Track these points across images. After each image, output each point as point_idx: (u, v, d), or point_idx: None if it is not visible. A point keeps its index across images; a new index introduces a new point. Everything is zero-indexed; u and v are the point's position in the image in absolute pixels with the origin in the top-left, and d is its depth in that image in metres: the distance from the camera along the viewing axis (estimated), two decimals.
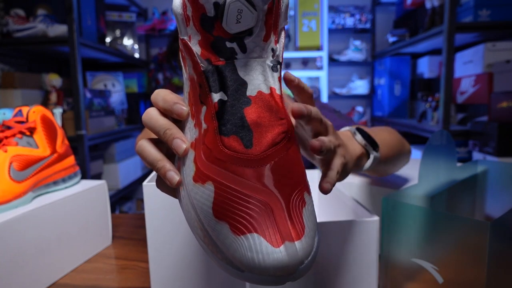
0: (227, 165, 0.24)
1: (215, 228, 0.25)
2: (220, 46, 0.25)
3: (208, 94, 0.26)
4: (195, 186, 0.25)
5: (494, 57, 1.55)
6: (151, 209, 0.43)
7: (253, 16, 0.24)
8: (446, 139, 0.47)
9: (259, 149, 0.24)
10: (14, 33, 1.59)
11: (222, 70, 0.25)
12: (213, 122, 0.25)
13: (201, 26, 0.25)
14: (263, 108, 0.25)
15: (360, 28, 2.52)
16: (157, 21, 2.38)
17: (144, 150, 0.29)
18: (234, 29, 0.24)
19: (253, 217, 0.24)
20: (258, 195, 0.24)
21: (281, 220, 0.24)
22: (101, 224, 0.65)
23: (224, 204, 0.24)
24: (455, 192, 0.51)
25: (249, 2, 0.23)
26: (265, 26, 0.25)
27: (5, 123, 0.56)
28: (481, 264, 0.33)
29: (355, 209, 0.46)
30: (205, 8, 0.24)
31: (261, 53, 0.26)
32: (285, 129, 0.26)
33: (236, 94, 0.25)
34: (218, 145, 0.25)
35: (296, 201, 0.25)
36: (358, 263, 0.40)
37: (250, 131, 0.25)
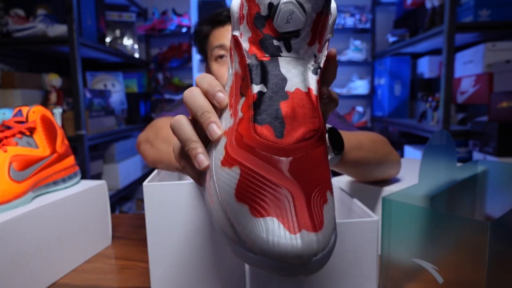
0: (256, 151, 0.25)
1: (234, 208, 0.25)
2: (268, 43, 0.27)
3: (249, 85, 0.27)
4: (222, 169, 0.26)
5: (494, 57, 1.54)
6: (151, 209, 0.43)
7: (302, 19, 0.26)
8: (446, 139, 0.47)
9: (289, 141, 0.25)
10: (14, 33, 1.59)
11: (266, 65, 0.27)
12: (249, 111, 0.26)
13: (254, 24, 0.27)
14: (299, 104, 0.26)
15: (360, 28, 2.52)
16: (157, 21, 2.38)
17: (181, 126, 0.30)
18: (283, 28, 0.26)
19: (274, 202, 0.24)
20: (282, 182, 0.25)
21: (301, 210, 0.24)
22: (101, 224, 0.65)
23: (247, 187, 0.25)
24: (455, 192, 0.51)
25: (301, 6, 0.26)
26: (311, 32, 0.27)
27: (5, 123, 0.56)
28: (481, 264, 0.33)
29: (355, 209, 0.46)
30: (259, 8, 0.26)
31: (304, 55, 0.27)
32: (316, 127, 0.27)
33: (275, 87, 0.26)
34: (251, 132, 0.26)
35: (318, 197, 0.26)
36: (358, 263, 0.40)
37: (283, 123, 0.26)
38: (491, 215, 0.57)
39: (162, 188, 0.42)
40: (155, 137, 0.61)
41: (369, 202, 0.62)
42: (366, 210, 0.42)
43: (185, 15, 2.41)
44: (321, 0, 0.26)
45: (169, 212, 0.43)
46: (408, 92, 2.26)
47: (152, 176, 0.49)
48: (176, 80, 2.51)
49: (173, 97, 2.50)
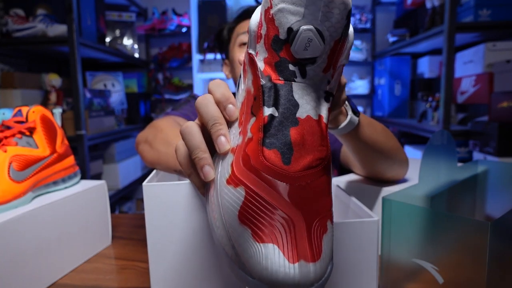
0: (262, 175, 0.25)
1: (237, 230, 0.26)
2: (283, 67, 0.27)
3: (261, 107, 0.27)
4: (227, 187, 0.27)
5: (495, 57, 1.54)
6: (151, 210, 0.43)
7: (320, 47, 0.26)
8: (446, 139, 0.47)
9: (295, 168, 0.26)
10: (13, 33, 1.59)
11: (279, 89, 0.27)
12: (258, 133, 0.26)
13: (271, 46, 0.27)
14: (308, 131, 0.26)
15: (360, 28, 2.52)
16: (157, 21, 2.38)
17: (191, 133, 0.30)
18: (300, 55, 0.26)
19: (275, 229, 0.25)
20: (284, 209, 0.25)
21: (301, 239, 0.25)
22: (101, 224, 0.65)
23: (251, 210, 0.25)
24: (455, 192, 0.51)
25: (320, 35, 0.26)
26: (327, 59, 0.27)
27: (5, 123, 0.56)
28: (481, 264, 0.33)
29: (355, 209, 0.46)
30: (278, 31, 0.26)
31: (318, 82, 0.27)
32: (323, 156, 0.27)
33: (287, 113, 0.26)
34: (258, 155, 0.26)
35: (318, 226, 0.26)
36: (358, 263, 0.39)
37: (291, 149, 0.26)
38: (491, 215, 0.57)
39: (161, 188, 0.42)
40: (154, 138, 0.61)
41: (368, 202, 0.62)
42: (366, 210, 0.41)
43: (185, 15, 2.41)
44: (341, 28, 0.26)
45: (168, 212, 0.43)
46: (408, 92, 2.26)
47: (151, 176, 0.49)
48: (176, 80, 2.51)
49: (173, 97, 2.50)
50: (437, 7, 1.69)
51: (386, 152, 0.56)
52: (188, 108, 0.88)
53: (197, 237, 0.42)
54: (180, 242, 0.43)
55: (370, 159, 0.57)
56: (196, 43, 2.30)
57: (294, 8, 0.25)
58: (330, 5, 0.25)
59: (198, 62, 2.37)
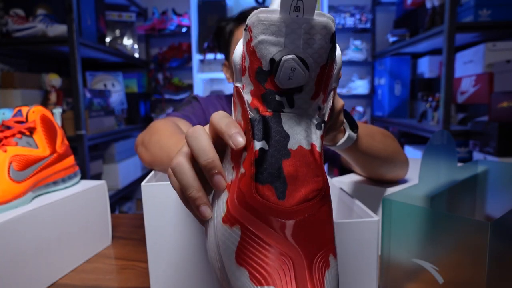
0: (257, 212, 0.25)
1: (235, 273, 0.25)
2: (270, 99, 0.26)
3: (251, 141, 0.26)
4: (223, 227, 0.26)
5: (495, 57, 1.54)
6: (150, 210, 0.43)
7: (304, 75, 0.25)
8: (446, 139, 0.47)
9: (290, 202, 0.25)
10: (13, 33, 1.59)
11: (268, 121, 0.26)
12: (251, 168, 0.25)
13: (256, 78, 0.26)
14: (301, 162, 0.25)
15: (360, 28, 2.52)
16: (157, 21, 2.38)
17: (183, 170, 0.28)
18: (285, 85, 0.25)
19: (273, 270, 0.24)
20: (283, 248, 0.24)
21: (302, 279, 0.24)
22: (101, 224, 0.65)
23: (247, 250, 0.24)
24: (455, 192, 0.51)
25: (303, 63, 0.25)
26: (315, 86, 0.26)
27: (5, 123, 0.56)
28: (481, 264, 0.33)
29: (355, 209, 0.46)
30: (261, 63, 0.26)
31: (307, 110, 0.27)
32: (319, 187, 0.26)
33: (278, 145, 0.25)
34: (252, 191, 0.25)
35: (320, 263, 0.25)
36: (358, 263, 0.39)
37: (285, 183, 0.25)
38: (491, 215, 0.57)
39: (160, 188, 0.42)
40: (149, 140, 0.61)
41: (369, 202, 0.62)
42: (367, 210, 0.41)
43: (185, 15, 2.41)
44: (325, 53, 0.26)
45: (167, 212, 0.43)
46: (408, 92, 2.26)
47: (149, 176, 0.49)
48: (176, 80, 2.51)
49: (173, 97, 2.50)
50: (437, 7, 1.69)
51: (386, 158, 0.56)
52: (189, 109, 0.88)
53: (196, 237, 0.42)
54: (179, 242, 0.43)
55: (369, 166, 0.58)
56: (196, 43, 2.30)
57: (274, 38, 0.25)
58: (311, 32, 0.24)
59: (198, 62, 2.37)
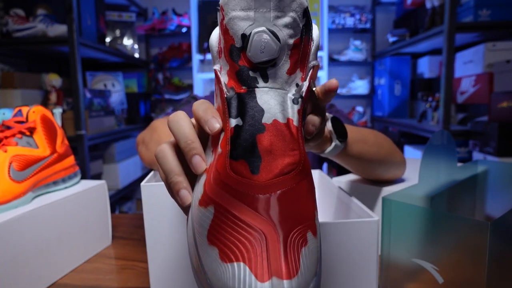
0: (231, 189, 0.24)
1: (206, 252, 0.24)
2: (244, 75, 0.26)
3: (227, 119, 0.26)
4: (199, 209, 0.25)
5: (494, 57, 1.54)
6: (150, 209, 0.43)
7: (276, 48, 0.25)
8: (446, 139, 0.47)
9: (265, 177, 0.24)
10: (14, 33, 1.59)
11: (243, 97, 0.26)
12: (226, 146, 0.25)
13: (230, 56, 0.26)
14: (277, 136, 0.25)
15: (360, 28, 2.52)
16: (157, 21, 2.38)
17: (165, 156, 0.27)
18: (257, 58, 0.25)
19: (244, 245, 0.23)
20: (256, 223, 0.23)
21: (275, 254, 0.23)
22: (101, 224, 0.65)
23: (220, 228, 0.23)
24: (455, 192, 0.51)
25: (274, 35, 0.25)
26: (289, 60, 0.26)
27: (5, 123, 0.56)
28: (481, 264, 0.33)
29: (355, 209, 0.46)
30: (234, 40, 0.26)
31: (283, 85, 0.26)
32: (296, 161, 0.25)
33: (252, 120, 0.25)
34: (226, 169, 0.24)
35: (296, 238, 0.24)
36: (358, 263, 0.40)
37: (259, 158, 0.24)
38: (491, 215, 0.57)
39: (160, 188, 0.42)
40: (150, 139, 0.61)
41: (369, 202, 0.62)
42: (366, 210, 0.41)
43: (185, 15, 2.41)
44: (297, 28, 0.25)
45: (167, 212, 0.43)
46: (408, 92, 2.26)
47: (149, 176, 0.49)
48: (176, 80, 2.51)
49: (173, 97, 2.50)
50: (437, 7, 1.69)
51: (380, 161, 0.56)
52: (188, 109, 0.88)
53: None
54: (178, 242, 0.43)
55: (363, 169, 0.58)
56: (196, 43, 2.30)
57: (244, 13, 0.25)
58: (280, 5, 0.24)
59: (198, 62, 2.37)
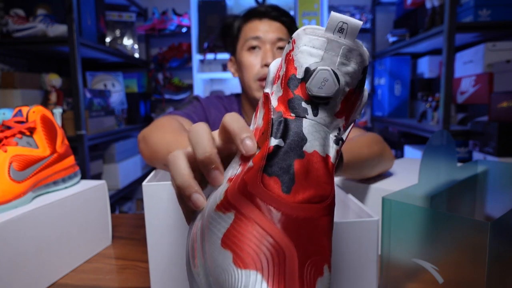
0: (257, 200, 0.24)
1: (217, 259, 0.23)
2: (296, 104, 0.27)
3: (267, 138, 0.26)
4: (216, 213, 0.25)
5: (494, 57, 1.54)
6: (151, 209, 0.43)
7: (334, 87, 0.26)
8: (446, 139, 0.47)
9: (294, 199, 0.24)
10: (14, 33, 1.59)
11: (289, 123, 0.26)
12: (261, 162, 0.25)
13: (287, 84, 0.27)
14: (314, 166, 0.25)
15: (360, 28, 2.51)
16: (157, 21, 2.38)
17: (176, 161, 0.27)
18: (314, 92, 0.26)
19: (262, 255, 0.22)
20: (276, 237, 0.23)
21: (291, 274, 0.22)
22: (101, 224, 0.65)
23: (238, 233, 0.23)
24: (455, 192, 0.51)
25: (336, 76, 0.26)
26: (340, 105, 0.27)
27: (5, 123, 0.56)
28: (481, 264, 0.33)
29: (355, 209, 0.46)
30: (296, 70, 0.27)
31: (328, 124, 0.27)
32: (326, 194, 0.25)
33: (294, 145, 0.26)
34: (257, 181, 0.24)
35: (313, 267, 0.23)
36: (358, 263, 0.40)
37: (293, 179, 0.24)
38: (491, 215, 0.57)
39: (161, 187, 0.42)
40: (150, 135, 0.61)
41: (369, 202, 0.62)
42: (366, 210, 0.41)
43: (185, 15, 2.41)
44: (356, 80, 0.27)
45: (168, 212, 0.43)
46: (408, 92, 2.26)
47: (151, 176, 0.49)
48: (176, 80, 2.51)
49: (173, 97, 2.50)
50: (437, 7, 1.69)
51: (372, 167, 0.60)
52: (190, 109, 0.89)
53: None
54: (179, 242, 0.43)
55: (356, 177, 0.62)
56: (196, 43, 2.30)
57: (315, 50, 0.27)
58: (348, 55, 0.26)
59: (198, 62, 2.37)
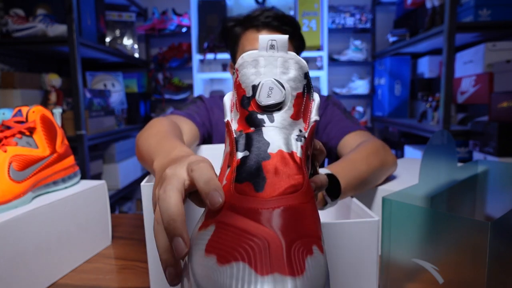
0: (235, 207, 0.25)
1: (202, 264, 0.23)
2: (253, 118, 0.29)
3: (234, 155, 0.28)
4: (198, 233, 0.26)
5: (495, 57, 1.54)
6: (150, 209, 0.42)
7: (281, 93, 0.29)
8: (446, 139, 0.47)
9: (269, 194, 0.25)
10: (13, 33, 1.59)
11: (251, 135, 0.28)
12: (232, 175, 0.27)
13: (241, 105, 0.30)
14: (281, 162, 0.27)
15: (360, 28, 2.51)
16: (157, 21, 2.38)
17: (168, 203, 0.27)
18: (265, 101, 0.29)
19: (244, 248, 0.22)
20: (258, 231, 0.23)
21: (277, 256, 0.22)
22: (101, 224, 0.65)
23: (219, 238, 0.24)
24: (455, 192, 0.51)
25: (280, 84, 0.29)
26: (293, 107, 0.29)
27: (5, 123, 0.56)
28: (481, 264, 0.33)
29: (355, 210, 0.46)
30: (245, 91, 0.30)
31: (288, 127, 0.29)
32: (299, 183, 0.26)
33: (258, 150, 0.27)
34: (231, 191, 0.26)
35: (301, 247, 0.23)
36: (358, 263, 0.39)
37: (264, 178, 0.26)
38: (491, 215, 0.57)
39: None
40: (140, 136, 0.61)
41: (369, 202, 0.62)
42: (367, 210, 0.41)
43: (185, 15, 2.40)
44: (300, 83, 0.30)
45: None
46: (408, 92, 2.26)
47: (149, 176, 0.49)
48: (176, 80, 2.51)
49: (173, 97, 2.50)
50: (437, 7, 1.69)
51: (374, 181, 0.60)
52: (193, 108, 0.88)
53: None
54: None
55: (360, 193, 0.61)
56: (196, 43, 2.30)
57: (255, 69, 0.30)
58: (285, 65, 0.30)
59: (198, 62, 2.37)
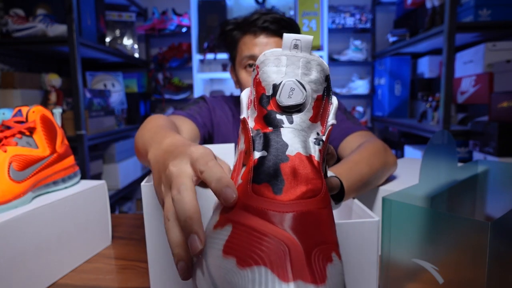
0: (253, 208, 0.24)
1: (220, 266, 0.23)
2: (271, 117, 0.28)
3: (251, 154, 0.28)
4: (214, 232, 0.25)
5: (495, 57, 1.54)
6: (150, 209, 0.43)
7: (302, 95, 0.28)
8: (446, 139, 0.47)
9: (287, 197, 0.25)
10: (13, 33, 1.59)
11: (268, 135, 0.28)
12: (248, 175, 0.26)
13: (259, 103, 0.29)
14: (300, 165, 0.26)
15: (360, 28, 2.51)
16: (157, 21, 2.38)
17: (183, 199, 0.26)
18: (285, 102, 0.28)
19: (264, 252, 0.22)
20: (278, 235, 0.23)
21: (298, 262, 0.21)
22: (101, 224, 0.65)
23: (238, 240, 0.23)
24: (455, 192, 0.51)
25: (301, 85, 0.28)
26: (313, 110, 0.29)
27: (5, 123, 0.56)
28: (481, 264, 0.33)
29: (355, 210, 0.46)
30: (265, 89, 0.29)
31: (306, 129, 0.29)
32: (318, 188, 0.26)
33: (276, 152, 0.27)
34: (248, 192, 0.25)
35: (320, 254, 0.23)
36: (358, 263, 0.39)
37: (282, 181, 0.25)
38: (491, 215, 0.57)
39: None
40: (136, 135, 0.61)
41: (369, 202, 0.62)
42: (367, 211, 0.41)
43: (185, 15, 2.40)
44: (321, 86, 0.29)
45: None
46: (408, 92, 2.26)
47: (149, 176, 0.49)
48: (176, 80, 2.51)
49: (173, 97, 2.50)
50: (437, 7, 1.69)
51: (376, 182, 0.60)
52: (195, 109, 0.88)
53: None
54: None
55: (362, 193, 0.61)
56: (196, 43, 2.30)
57: (277, 68, 0.29)
58: (307, 66, 0.29)
59: (198, 62, 2.37)
